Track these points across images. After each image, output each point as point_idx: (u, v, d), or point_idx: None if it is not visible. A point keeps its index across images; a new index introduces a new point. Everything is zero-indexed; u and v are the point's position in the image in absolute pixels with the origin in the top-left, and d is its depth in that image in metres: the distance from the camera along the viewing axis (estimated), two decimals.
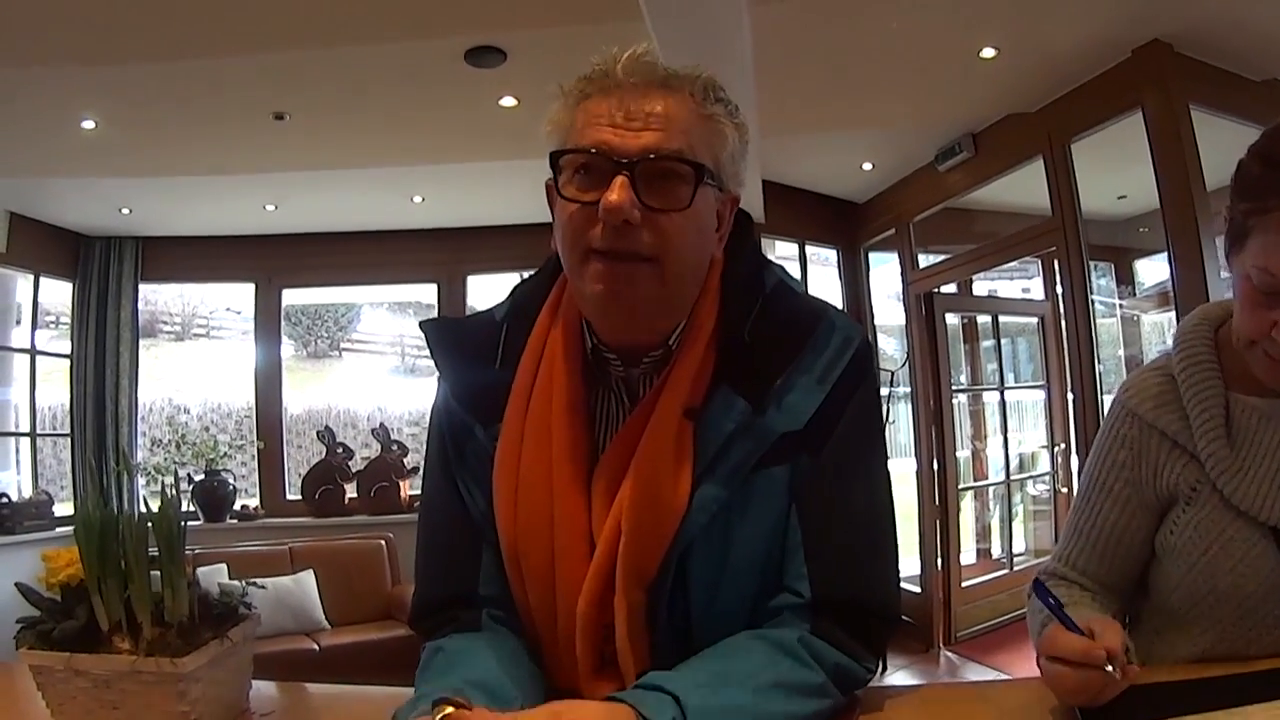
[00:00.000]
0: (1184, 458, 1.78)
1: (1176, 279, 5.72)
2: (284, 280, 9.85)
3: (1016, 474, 9.62)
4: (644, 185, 1.41)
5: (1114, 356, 9.75)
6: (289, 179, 8.02)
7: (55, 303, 11.24)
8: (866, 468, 1.55)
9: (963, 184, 7.69)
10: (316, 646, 7.17)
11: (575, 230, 1.45)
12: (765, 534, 1.48)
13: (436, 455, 1.68)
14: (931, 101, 6.83)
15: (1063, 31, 5.65)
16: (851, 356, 1.52)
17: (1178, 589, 1.81)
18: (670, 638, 1.48)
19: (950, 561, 8.18)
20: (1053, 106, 6.60)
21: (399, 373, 18.88)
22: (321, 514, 9.12)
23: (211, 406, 14.37)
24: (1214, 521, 1.74)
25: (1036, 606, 1.81)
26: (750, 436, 1.45)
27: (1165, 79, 5.73)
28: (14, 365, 8.87)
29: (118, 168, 7.44)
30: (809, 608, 1.45)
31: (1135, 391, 1.86)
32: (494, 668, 1.42)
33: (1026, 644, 6.11)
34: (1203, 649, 1.78)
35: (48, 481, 9.58)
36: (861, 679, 1.49)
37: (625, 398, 1.58)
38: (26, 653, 1.55)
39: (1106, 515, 1.89)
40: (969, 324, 9.55)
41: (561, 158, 1.48)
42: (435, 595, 1.63)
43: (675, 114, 1.45)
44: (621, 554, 1.44)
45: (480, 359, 1.63)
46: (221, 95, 6.20)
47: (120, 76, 5.84)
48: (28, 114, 6.34)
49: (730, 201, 1.58)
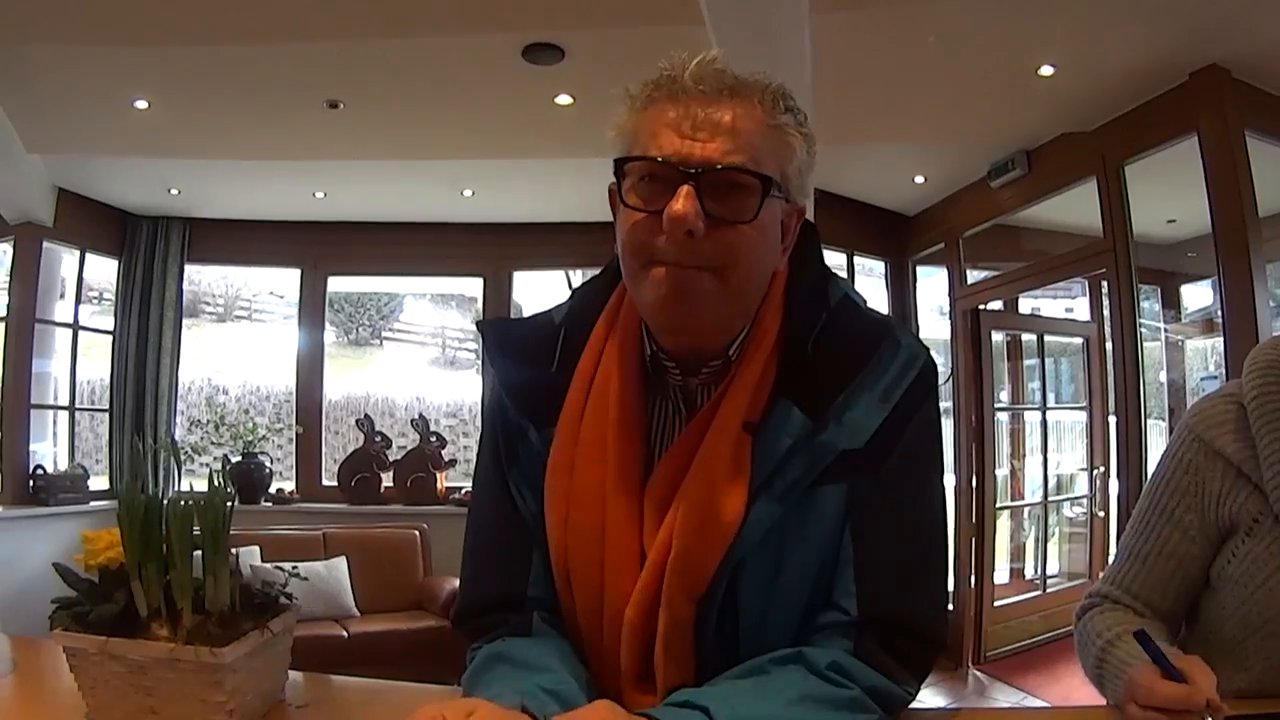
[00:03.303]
0: (1248, 488, 1.76)
1: (1226, 305, 5.66)
2: (329, 267, 9.86)
3: (1054, 495, 9.55)
4: (709, 196, 1.39)
5: (1156, 381, 9.69)
6: (339, 167, 8.03)
7: (100, 279, 11.37)
8: (924, 490, 1.53)
9: (1014, 201, 7.62)
10: (345, 633, 7.18)
11: (638, 239, 1.44)
12: (818, 551, 1.46)
13: (489, 455, 1.66)
14: (987, 117, 6.77)
15: (1121, 52, 5.60)
16: (916, 376, 1.49)
17: (1231, 618, 1.79)
18: (717, 652, 1.46)
19: (983, 580, 8.11)
20: (1108, 127, 6.54)
21: (439, 364, 18.98)
22: (356, 501, 9.13)
23: (250, 389, 14.49)
24: (1273, 553, 1.71)
25: (1091, 632, 1.79)
26: (809, 453, 1.43)
27: (1222, 104, 5.67)
28: (56, 339, 8.91)
29: (168, 148, 7.48)
30: (854, 626, 1.43)
31: (1203, 418, 1.84)
32: (566, 676, 1.40)
33: (1056, 666, 6.04)
34: (1251, 681, 1.76)
35: (84, 455, 9.64)
36: (901, 700, 1.46)
37: (683, 406, 1.56)
38: (61, 634, 1.55)
39: (1165, 540, 1.86)
40: (1013, 342, 9.48)
41: (626, 164, 1.46)
42: (483, 595, 1.61)
43: (743, 124, 1.42)
44: (670, 568, 1.43)
45: (537, 361, 1.61)
46: (275, 81, 6.24)
47: (175, 58, 5.88)
48: (81, 92, 6.39)
49: (796, 213, 1.55)
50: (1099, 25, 5.28)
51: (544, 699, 1.29)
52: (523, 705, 1.24)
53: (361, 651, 7.03)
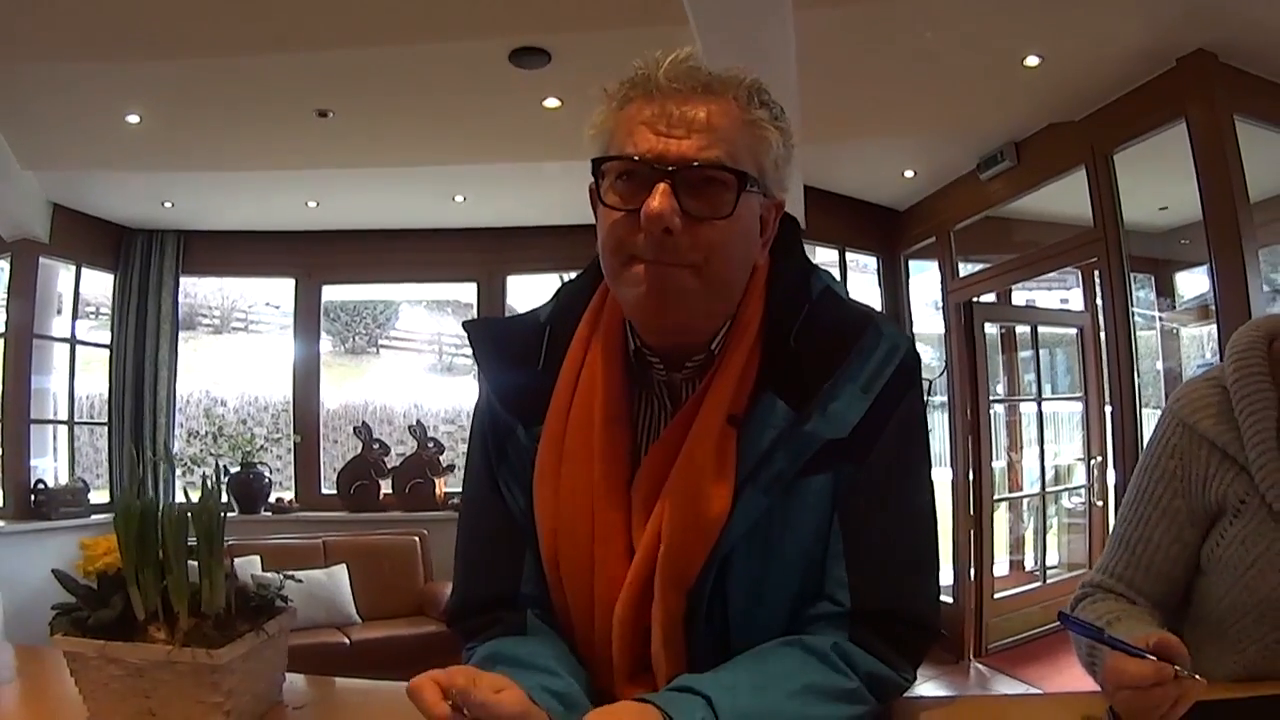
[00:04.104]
0: (1233, 469, 1.77)
1: (1218, 292, 5.66)
2: (324, 276, 9.86)
3: (1051, 486, 9.54)
4: (686, 193, 1.40)
5: (1152, 369, 9.69)
6: (331, 176, 8.03)
7: (96, 293, 11.34)
8: (910, 477, 1.54)
9: (1004, 193, 7.63)
10: (347, 640, 7.19)
11: (617, 237, 1.45)
12: (806, 542, 1.47)
13: (478, 454, 1.67)
14: (974, 109, 6.79)
15: (1107, 40, 5.60)
16: (898, 365, 1.50)
17: (1222, 601, 1.80)
18: (708, 643, 1.47)
19: (983, 572, 8.12)
20: (1096, 116, 6.55)
21: (436, 371, 18.93)
22: (356, 509, 9.13)
23: (249, 399, 14.46)
24: (1262, 534, 1.72)
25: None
26: (793, 444, 1.44)
27: (1210, 89, 5.68)
28: (54, 354, 8.91)
29: (161, 162, 7.50)
30: (847, 616, 1.44)
31: (1187, 402, 1.85)
32: (567, 677, 1.40)
33: (1057, 658, 6.04)
34: (1245, 664, 1.77)
35: (84, 469, 9.66)
36: (898, 688, 1.47)
37: (668, 401, 1.57)
38: (61, 639, 1.56)
39: (1154, 526, 1.87)
40: (1007, 334, 9.49)
41: (603, 164, 1.47)
42: (476, 594, 1.62)
43: (718, 120, 1.43)
44: (661, 561, 1.44)
45: (523, 360, 1.62)
46: (266, 92, 6.25)
47: (166, 72, 5.89)
48: (74, 108, 6.41)
49: (775, 207, 1.56)
50: (1084, 14, 5.27)
51: (550, 700, 1.30)
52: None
53: (364, 658, 7.03)
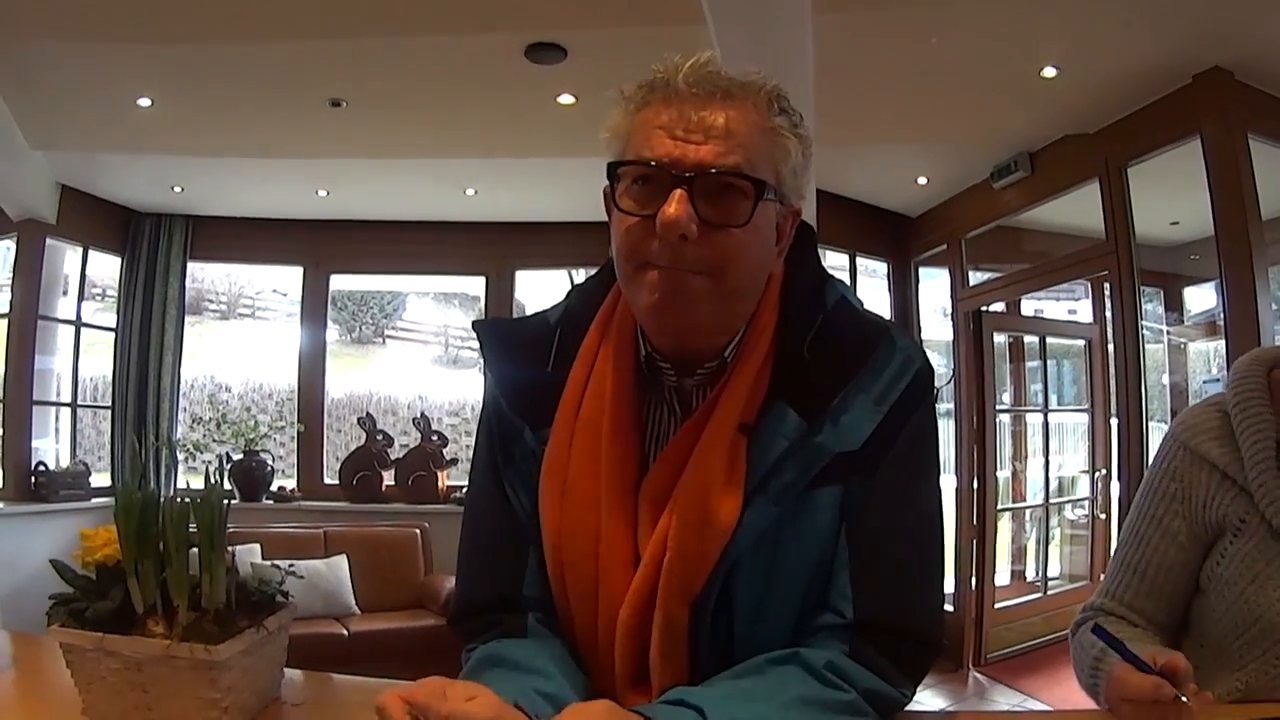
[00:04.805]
0: (1234, 489, 1.80)
1: (1228, 308, 5.66)
2: (332, 266, 9.86)
3: (1055, 497, 9.55)
4: (703, 199, 1.38)
5: (1159, 383, 9.67)
6: (342, 166, 8.04)
7: (103, 276, 11.35)
8: (919, 492, 1.52)
9: (1017, 203, 7.62)
10: (345, 632, 7.19)
11: (632, 243, 1.43)
12: (813, 554, 1.46)
13: (485, 454, 1.65)
14: (990, 119, 6.78)
15: (1125, 54, 5.59)
16: (912, 378, 1.48)
17: (1222, 620, 1.82)
18: (712, 654, 1.45)
19: (984, 582, 8.10)
20: (1111, 129, 6.54)
21: (441, 363, 18.97)
22: (358, 500, 9.12)
23: (253, 386, 14.49)
24: (1262, 551, 1.75)
25: (1086, 644, 1.80)
26: (804, 455, 1.42)
27: (1225, 106, 5.67)
28: (58, 336, 8.91)
29: (171, 146, 7.49)
30: (850, 629, 1.42)
31: (1187, 425, 1.89)
32: (562, 681, 1.40)
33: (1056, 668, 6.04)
34: (1244, 684, 1.78)
35: (85, 452, 9.67)
36: (896, 703, 1.45)
37: (678, 408, 1.55)
38: (58, 630, 1.55)
39: (1155, 548, 1.90)
40: (1015, 343, 9.47)
41: (619, 168, 1.45)
42: (478, 596, 1.60)
43: (737, 127, 1.41)
44: (666, 570, 1.42)
45: (532, 361, 1.61)
46: (279, 79, 6.25)
47: (178, 56, 5.89)
48: (85, 89, 6.40)
49: (791, 215, 1.54)
50: (1102, 27, 5.27)
51: (539, 703, 1.29)
52: (516, 705, 1.22)
53: (362, 650, 7.04)
